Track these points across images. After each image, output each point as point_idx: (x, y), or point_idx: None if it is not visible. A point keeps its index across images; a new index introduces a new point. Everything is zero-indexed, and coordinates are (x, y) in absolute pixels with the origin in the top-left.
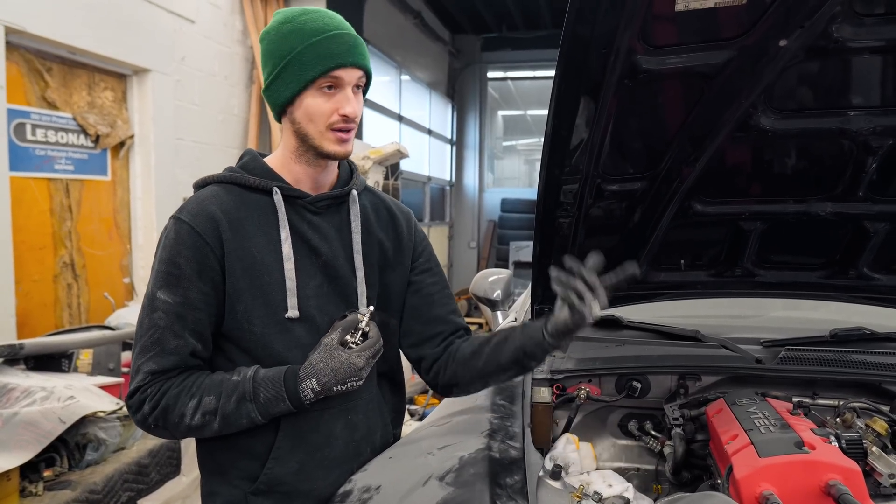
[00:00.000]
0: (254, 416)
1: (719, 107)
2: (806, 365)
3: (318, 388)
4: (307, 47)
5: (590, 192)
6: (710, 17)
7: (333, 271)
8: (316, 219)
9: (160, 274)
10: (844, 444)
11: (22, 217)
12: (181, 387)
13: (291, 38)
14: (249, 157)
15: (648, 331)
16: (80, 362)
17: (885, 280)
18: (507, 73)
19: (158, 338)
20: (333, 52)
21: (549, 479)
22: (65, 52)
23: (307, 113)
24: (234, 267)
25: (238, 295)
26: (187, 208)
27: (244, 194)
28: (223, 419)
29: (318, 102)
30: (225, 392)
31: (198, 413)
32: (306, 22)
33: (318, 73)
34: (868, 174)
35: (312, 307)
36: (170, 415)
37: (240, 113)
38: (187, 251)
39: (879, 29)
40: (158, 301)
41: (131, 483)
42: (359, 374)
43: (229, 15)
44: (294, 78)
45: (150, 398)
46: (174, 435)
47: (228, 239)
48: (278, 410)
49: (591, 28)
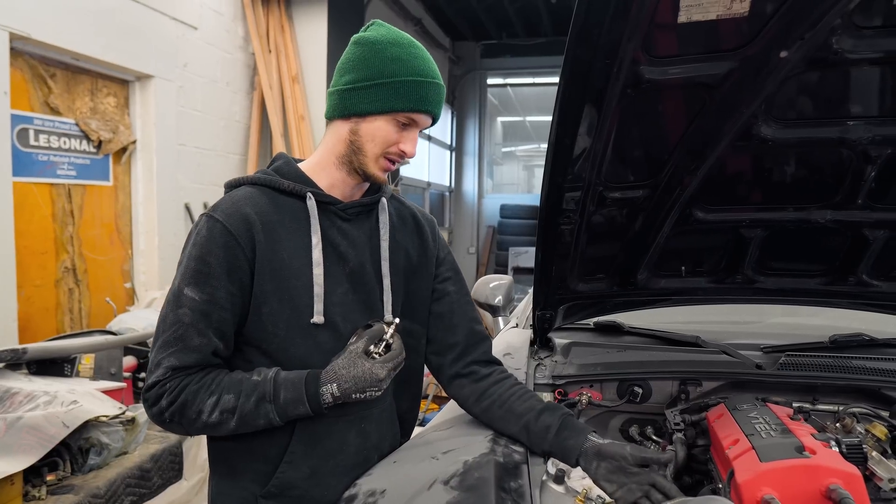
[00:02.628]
0: (272, 417)
1: (721, 116)
2: (806, 370)
3: (338, 394)
4: (410, 83)
5: (592, 199)
6: (712, 28)
7: (359, 278)
8: (346, 225)
9: (189, 270)
10: (845, 448)
11: (24, 222)
12: (200, 384)
13: (397, 65)
14: (283, 161)
15: (649, 337)
16: (82, 367)
17: (884, 287)
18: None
19: (182, 334)
20: (427, 99)
21: (553, 483)
22: (68, 58)
23: (374, 134)
24: (263, 269)
25: (265, 297)
26: (221, 207)
27: (277, 198)
28: (241, 418)
29: (389, 131)
30: (245, 391)
31: (216, 411)
32: (415, 57)
33: (406, 108)
34: (867, 182)
35: (337, 314)
36: (187, 411)
37: (241, 119)
38: (218, 250)
39: (878, 41)
40: (185, 298)
41: (134, 487)
42: (379, 384)
43: (232, 21)
44: (383, 100)
45: (169, 393)
46: (188, 431)
47: (260, 241)
48: (296, 413)
49: (595, 39)
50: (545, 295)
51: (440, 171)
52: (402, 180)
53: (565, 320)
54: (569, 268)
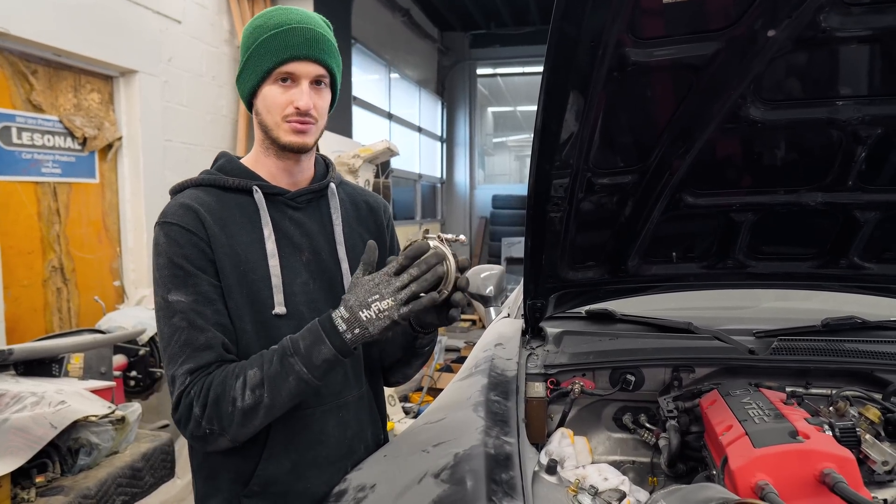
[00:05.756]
0: (299, 370)
1: (708, 98)
2: (798, 355)
3: (347, 315)
4: (266, 39)
5: (580, 186)
6: (698, 8)
7: (317, 266)
8: (298, 215)
9: (164, 278)
10: (838, 432)
11: (9, 222)
12: (224, 373)
13: (256, 32)
14: (225, 160)
15: (641, 324)
16: (71, 367)
17: (875, 269)
18: (496, 69)
19: (186, 339)
20: (287, 45)
21: (545, 474)
22: (50, 54)
23: (265, 104)
24: (223, 263)
25: (229, 292)
26: (169, 212)
27: (223, 195)
28: (271, 386)
29: (274, 94)
30: (266, 359)
31: (247, 391)
32: (272, 17)
33: (271, 64)
34: (857, 164)
35: (301, 303)
36: (222, 405)
37: (228, 113)
38: (183, 249)
39: (866, 18)
40: (173, 304)
41: (125, 487)
42: (377, 290)
43: (216, 15)
44: (254, 69)
45: (197, 398)
46: (235, 435)
47: (214, 235)
48: (322, 357)
49: (579, 21)
50: (536, 284)
51: (431, 162)
52: (392, 172)
53: (557, 309)
54: (559, 256)
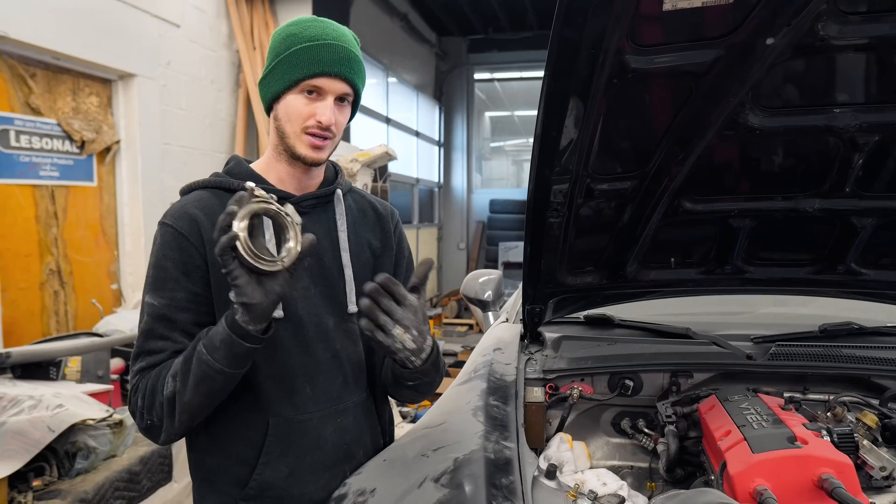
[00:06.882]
0: (199, 352)
1: (707, 105)
2: (796, 360)
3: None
4: (299, 50)
5: (580, 191)
6: (698, 16)
7: (319, 271)
8: (303, 220)
9: (149, 279)
10: (836, 438)
11: (7, 225)
12: (162, 366)
13: (289, 40)
14: (235, 163)
15: (640, 329)
16: (69, 370)
17: (872, 275)
18: (493, 74)
19: (145, 342)
20: (321, 60)
21: (544, 479)
22: (49, 57)
23: (287, 112)
24: (217, 266)
25: (223, 294)
26: (170, 212)
27: (229, 198)
28: (183, 372)
29: (298, 104)
30: (188, 349)
31: (168, 379)
32: (308, 28)
33: (301, 75)
34: (855, 170)
35: (300, 308)
36: (155, 396)
37: (227, 117)
38: (172, 253)
39: (864, 27)
40: (146, 306)
41: (122, 491)
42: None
43: (215, 19)
44: (282, 76)
45: (141, 392)
46: (169, 428)
47: (210, 240)
48: (218, 338)
49: (579, 28)
50: (534, 289)
51: (429, 166)
52: (390, 176)
53: (555, 314)
54: (558, 261)
